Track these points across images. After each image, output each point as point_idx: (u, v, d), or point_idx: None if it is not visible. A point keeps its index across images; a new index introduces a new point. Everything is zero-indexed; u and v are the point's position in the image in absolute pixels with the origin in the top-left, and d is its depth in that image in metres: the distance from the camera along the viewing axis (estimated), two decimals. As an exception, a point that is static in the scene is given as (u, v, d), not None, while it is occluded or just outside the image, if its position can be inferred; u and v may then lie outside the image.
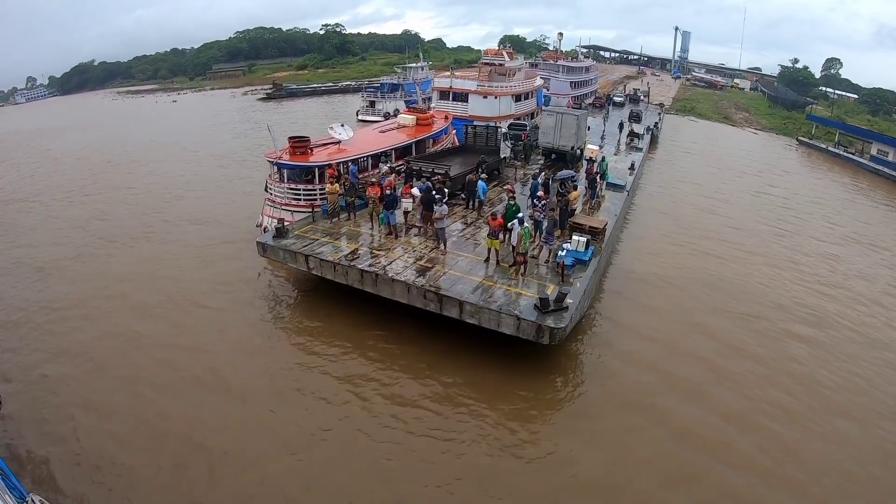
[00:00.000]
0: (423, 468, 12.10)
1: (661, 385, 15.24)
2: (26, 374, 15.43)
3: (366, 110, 60.29)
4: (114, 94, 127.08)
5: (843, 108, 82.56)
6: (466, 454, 12.44)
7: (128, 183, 36.00)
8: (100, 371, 15.54)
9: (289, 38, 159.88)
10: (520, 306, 14.83)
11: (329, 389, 14.62)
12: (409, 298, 16.00)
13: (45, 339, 17.28)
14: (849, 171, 50.68)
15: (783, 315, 19.96)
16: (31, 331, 17.80)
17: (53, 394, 14.54)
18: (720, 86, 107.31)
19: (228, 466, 12.05)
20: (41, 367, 15.72)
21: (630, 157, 36.81)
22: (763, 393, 15.22)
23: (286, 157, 23.57)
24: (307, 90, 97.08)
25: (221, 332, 17.48)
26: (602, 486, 11.85)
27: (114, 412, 13.79)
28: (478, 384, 14.71)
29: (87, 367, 15.77)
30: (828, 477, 12.47)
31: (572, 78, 69.44)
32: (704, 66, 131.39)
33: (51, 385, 14.90)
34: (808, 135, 63.18)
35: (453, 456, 12.39)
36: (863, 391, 15.81)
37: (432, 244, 18.66)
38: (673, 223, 29.64)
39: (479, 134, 29.75)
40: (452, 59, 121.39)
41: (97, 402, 14.17)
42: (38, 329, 17.87)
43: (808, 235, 30.05)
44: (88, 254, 24.19)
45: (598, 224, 20.48)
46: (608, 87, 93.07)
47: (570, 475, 12.07)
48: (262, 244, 19.17)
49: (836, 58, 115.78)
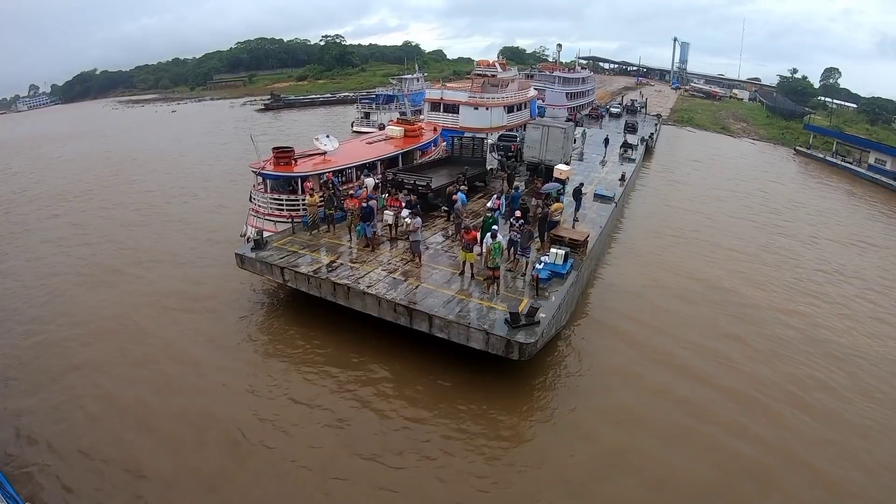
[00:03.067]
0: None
1: (636, 399, 14.97)
2: (31, 383, 15.49)
3: (360, 121, 60.40)
4: (115, 102, 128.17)
5: (842, 118, 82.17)
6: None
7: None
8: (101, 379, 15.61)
9: (289, 49, 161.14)
10: (490, 321, 14.55)
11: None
12: (379, 311, 15.79)
13: (53, 350, 17.29)
14: (846, 180, 50.35)
15: (756, 330, 19.36)
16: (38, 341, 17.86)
17: (54, 406, 14.49)
18: (719, 96, 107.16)
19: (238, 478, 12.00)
20: (50, 376, 15.76)
21: (622, 167, 36.68)
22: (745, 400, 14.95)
23: (270, 167, 23.48)
24: (305, 101, 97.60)
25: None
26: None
27: (112, 424, 13.74)
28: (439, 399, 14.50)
29: (89, 377, 15.78)
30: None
31: (568, 89, 69.36)
32: (703, 76, 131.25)
33: (52, 395, 14.90)
34: (806, 144, 62.90)
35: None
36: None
37: (408, 257, 18.45)
38: (661, 235, 29.28)
39: (465, 145, 29.54)
40: (451, 71, 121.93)
41: (95, 413, 14.16)
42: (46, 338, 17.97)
43: (798, 241, 29.89)
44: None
45: (578, 236, 20.20)
46: (606, 98, 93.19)
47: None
48: (241, 256, 19.05)
49: (834, 67, 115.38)
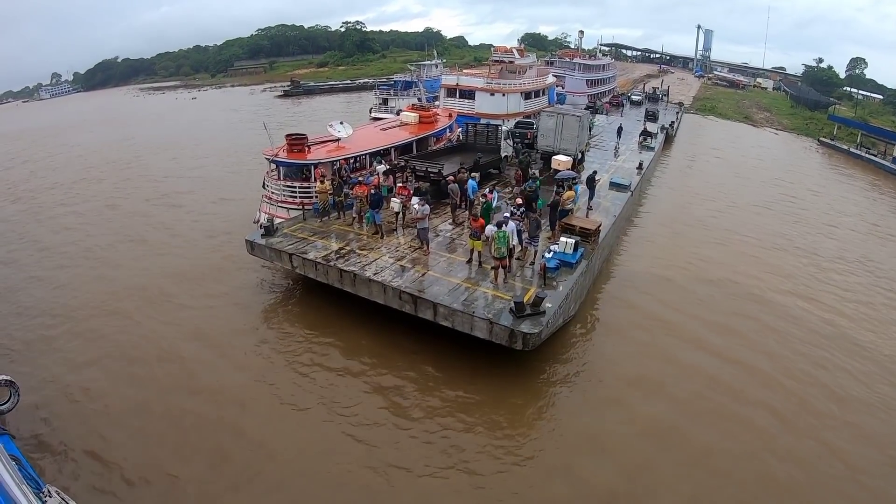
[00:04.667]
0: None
1: (636, 392, 14.81)
2: (51, 368, 15.60)
3: (378, 108, 60.11)
4: (136, 90, 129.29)
5: (868, 109, 79.96)
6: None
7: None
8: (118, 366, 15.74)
9: (310, 36, 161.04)
10: (495, 310, 14.46)
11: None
12: (385, 299, 15.79)
13: (71, 337, 17.40)
14: (870, 172, 49.11)
15: (784, 336, 18.49)
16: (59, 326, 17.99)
17: (75, 390, 14.62)
18: (742, 85, 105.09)
19: (260, 467, 12.01)
20: (68, 364, 15.82)
21: (640, 156, 36.14)
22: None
23: (283, 154, 23.52)
24: (324, 87, 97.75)
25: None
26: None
27: (135, 406, 13.90)
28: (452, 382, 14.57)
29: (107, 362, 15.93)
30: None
31: (589, 76, 68.35)
32: (727, 65, 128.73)
33: (74, 380, 15.02)
34: (830, 136, 61.39)
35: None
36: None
37: (416, 244, 18.40)
38: (678, 223, 28.93)
39: (479, 132, 29.29)
40: (472, 57, 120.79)
41: (117, 396, 14.33)
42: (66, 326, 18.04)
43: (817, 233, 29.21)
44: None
45: (590, 225, 19.94)
46: (628, 85, 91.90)
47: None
48: (251, 242, 19.17)
49: (860, 57, 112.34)
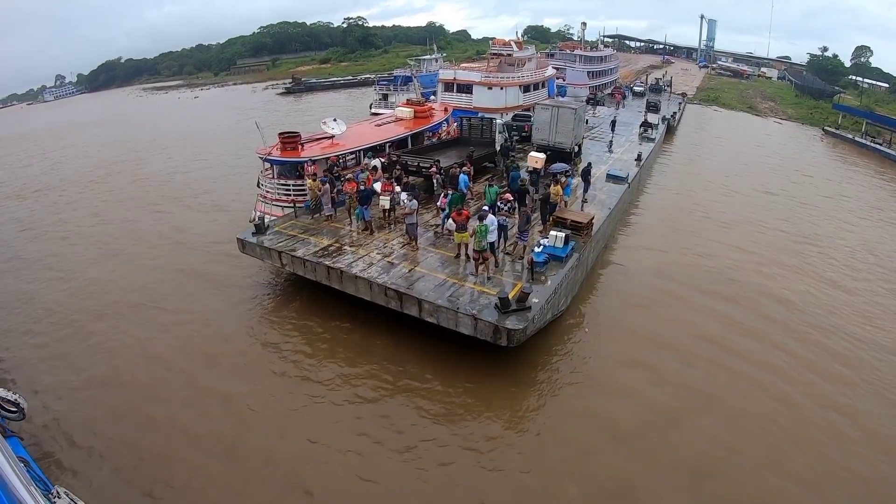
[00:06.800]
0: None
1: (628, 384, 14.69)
2: (61, 373, 15.57)
3: (378, 103, 60.00)
4: (139, 90, 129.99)
5: (873, 98, 79.02)
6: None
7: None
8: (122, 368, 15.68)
9: (312, 32, 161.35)
10: (481, 305, 14.35)
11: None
12: (371, 295, 15.74)
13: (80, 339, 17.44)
14: (875, 161, 48.49)
15: (777, 327, 18.20)
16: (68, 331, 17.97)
17: (83, 393, 14.62)
18: (746, 75, 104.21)
19: (270, 475, 11.86)
20: (76, 369, 15.75)
21: (639, 147, 35.76)
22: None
23: (276, 153, 23.46)
24: (326, 84, 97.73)
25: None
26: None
27: (140, 409, 13.80)
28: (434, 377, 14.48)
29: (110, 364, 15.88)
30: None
31: (590, 67, 67.81)
32: (731, 54, 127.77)
33: (83, 384, 15.00)
34: (835, 124, 60.58)
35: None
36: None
37: (405, 240, 18.32)
38: (676, 215, 28.69)
39: (473, 126, 29.12)
40: (475, 51, 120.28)
41: (122, 400, 14.26)
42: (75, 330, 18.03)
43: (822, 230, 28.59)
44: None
45: (582, 218, 19.65)
46: (631, 77, 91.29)
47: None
48: (242, 240, 19.17)
49: (866, 46, 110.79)
